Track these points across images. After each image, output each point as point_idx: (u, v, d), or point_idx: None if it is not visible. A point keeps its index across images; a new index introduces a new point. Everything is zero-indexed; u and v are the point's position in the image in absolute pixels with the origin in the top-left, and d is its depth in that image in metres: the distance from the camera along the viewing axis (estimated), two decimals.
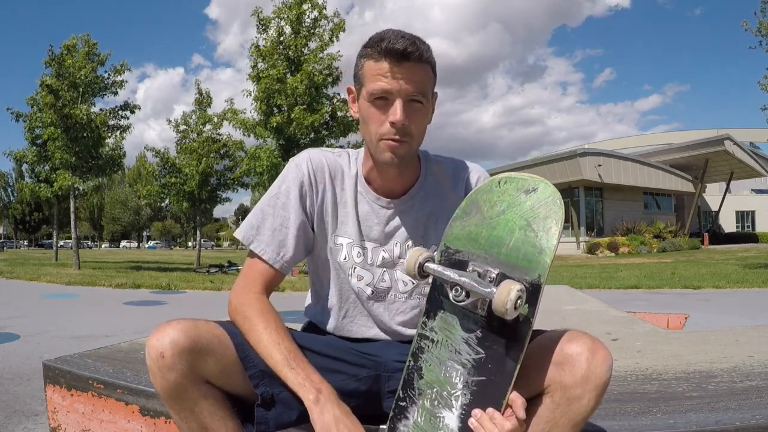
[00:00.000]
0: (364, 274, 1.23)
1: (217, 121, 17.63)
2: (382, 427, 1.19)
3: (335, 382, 1.15)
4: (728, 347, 2.13)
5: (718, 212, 35.18)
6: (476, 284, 0.96)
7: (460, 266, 1.03)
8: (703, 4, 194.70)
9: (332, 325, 1.28)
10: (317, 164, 1.22)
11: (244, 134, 14.49)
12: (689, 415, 1.31)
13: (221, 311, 1.17)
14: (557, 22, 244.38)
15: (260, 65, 13.73)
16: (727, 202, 33.65)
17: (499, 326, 0.98)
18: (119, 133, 15.35)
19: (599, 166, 25.22)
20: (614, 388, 1.59)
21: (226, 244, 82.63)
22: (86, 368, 1.71)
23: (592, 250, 23.64)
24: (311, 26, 13.70)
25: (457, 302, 1.00)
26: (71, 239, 15.47)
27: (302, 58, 13.42)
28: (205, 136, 17.66)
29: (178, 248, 68.16)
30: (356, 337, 1.27)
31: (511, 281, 0.92)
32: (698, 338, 2.41)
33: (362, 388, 1.19)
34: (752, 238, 34.62)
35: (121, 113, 15.26)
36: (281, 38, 13.55)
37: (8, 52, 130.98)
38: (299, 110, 12.85)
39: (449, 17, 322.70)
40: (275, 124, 13.11)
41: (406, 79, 1.09)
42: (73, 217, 15.11)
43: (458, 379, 1.02)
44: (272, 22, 13.59)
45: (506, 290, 0.90)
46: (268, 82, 13.10)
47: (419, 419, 1.05)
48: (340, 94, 14.32)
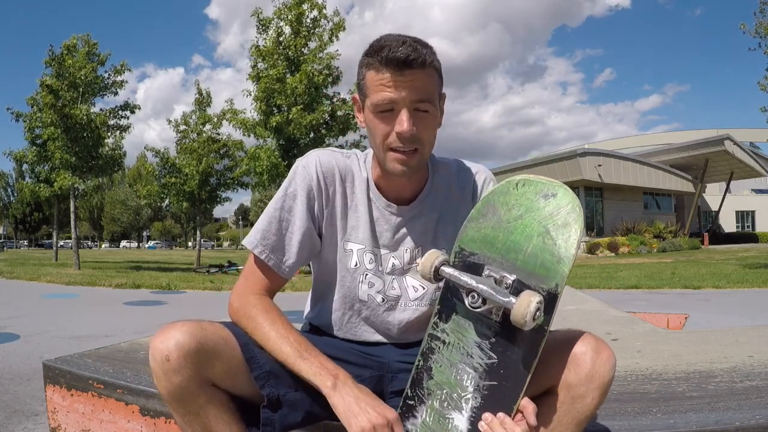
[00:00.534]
0: (375, 281, 1.21)
1: (216, 120, 17.62)
2: None
3: None
4: (728, 347, 2.12)
5: (718, 212, 35.17)
6: (495, 293, 0.94)
7: (474, 269, 1.02)
8: (703, 4, 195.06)
9: (333, 330, 1.27)
10: (327, 166, 1.18)
11: (244, 134, 14.52)
12: (689, 415, 1.31)
13: (221, 311, 1.16)
14: (557, 22, 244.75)
15: (260, 65, 13.75)
16: (727, 202, 33.64)
17: (513, 333, 0.96)
18: (119, 133, 15.36)
19: (599, 166, 25.21)
20: (614, 388, 1.58)
21: (226, 244, 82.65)
22: (86, 368, 1.71)
23: (592, 250, 23.63)
24: (311, 26, 13.71)
25: (473, 308, 0.98)
26: (71, 239, 15.46)
27: (302, 58, 13.43)
28: (205, 136, 17.65)
29: (178, 248, 68.16)
30: (359, 340, 1.26)
31: (531, 292, 0.91)
32: (698, 338, 2.41)
33: (366, 387, 1.18)
34: (752, 238, 34.62)
35: (121, 113, 15.27)
36: (281, 38, 13.57)
37: (8, 52, 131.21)
38: (297, 110, 12.85)
39: (449, 17, 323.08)
40: (275, 124, 13.12)
41: (409, 87, 1.05)
42: (73, 217, 15.11)
43: (469, 382, 1.01)
44: (272, 22, 13.61)
45: (526, 302, 0.88)
46: (268, 82, 13.12)
47: (428, 419, 1.04)
48: (339, 93, 14.33)
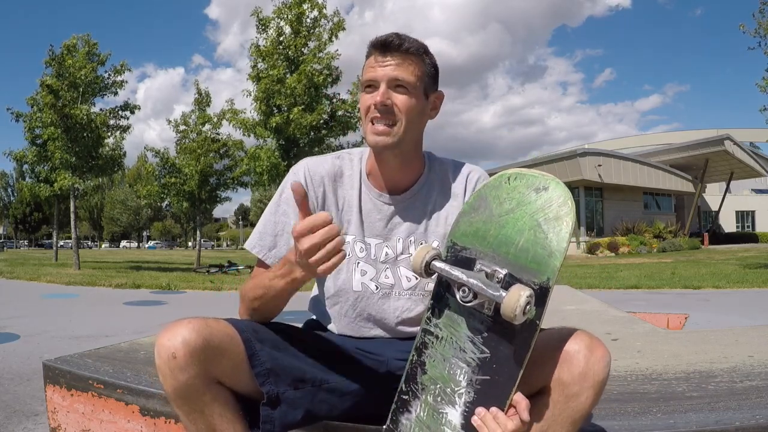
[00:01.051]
0: (367, 269, 1.24)
1: (216, 120, 17.63)
2: (385, 427, 1.19)
3: (337, 381, 1.16)
4: (728, 347, 2.13)
5: (718, 212, 35.17)
6: (485, 287, 0.95)
7: (466, 264, 1.02)
8: (703, 4, 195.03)
9: (332, 328, 1.29)
10: (314, 171, 1.25)
11: (244, 134, 14.50)
12: (689, 415, 1.31)
13: (222, 311, 1.17)
14: (557, 22, 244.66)
15: (260, 65, 13.74)
16: (727, 202, 33.64)
17: (505, 327, 0.96)
18: (119, 133, 15.36)
19: (599, 166, 25.21)
20: (614, 388, 1.59)
21: (225, 244, 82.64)
22: (86, 368, 1.71)
23: (592, 250, 23.63)
24: (311, 26, 13.71)
25: (464, 303, 0.98)
26: (71, 239, 15.46)
27: (302, 58, 13.42)
28: (204, 135, 17.65)
29: (178, 248, 68.17)
30: (358, 336, 1.27)
31: (521, 286, 0.91)
32: (698, 338, 2.41)
33: (364, 386, 1.19)
34: (752, 238, 34.62)
35: (121, 113, 15.26)
36: (281, 38, 13.56)
37: (8, 52, 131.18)
38: (298, 110, 12.85)
39: (449, 17, 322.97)
40: (275, 124, 13.12)
41: (390, 66, 1.15)
42: (73, 217, 15.11)
43: (462, 377, 1.01)
44: (272, 22, 13.60)
45: (516, 296, 0.89)
46: (268, 82, 13.11)
47: (422, 413, 1.05)
48: (339, 93, 14.32)
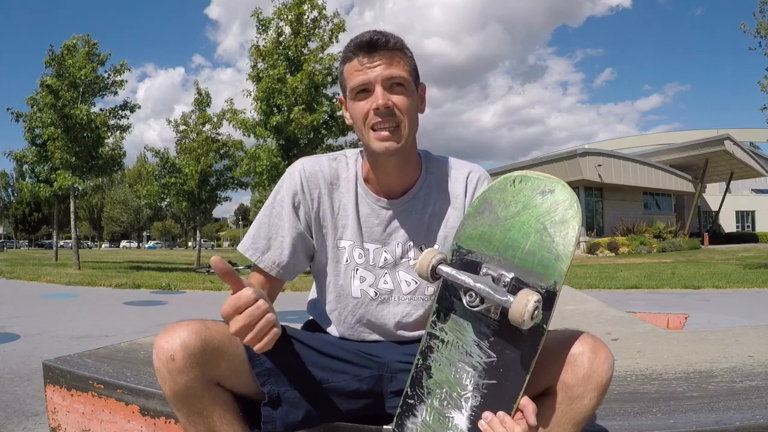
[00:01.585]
0: (366, 275, 1.22)
1: (216, 120, 17.63)
2: (386, 427, 1.19)
3: (338, 382, 1.15)
4: (728, 347, 2.12)
5: (718, 212, 35.15)
6: (492, 292, 0.94)
7: (472, 267, 1.01)
8: (703, 4, 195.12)
9: (331, 330, 1.28)
10: (310, 172, 1.22)
11: (244, 134, 14.50)
12: (689, 415, 1.31)
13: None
14: (558, 22, 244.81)
15: (260, 65, 13.74)
16: (727, 202, 33.62)
17: (511, 331, 0.96)
18: (119, 132, 15.36)
19: (599, 166, 25.19)
20: (614, 388, 1.58)
21: (226, 244, 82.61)
22: (86, 368, 1.71)
23: (592, 250, 23.62)
24: (311, 27, 13.71)
25: (470, 307, 0.97)
26: (71, 239, 15.46)
27: (302, 58, 13.42)
28: (204, 135, 17.65)
29: (178, 248, 68.13)
30: (358, 339, 1.26)
31: (528, 291, 0.90)
32: (698, 338, 2.41)
33: (365, 388, 1.19)
34: (752, 238, 34.62)
35: (120, 112, 15.26)
36: (281, 39, 13.56)
37: (8, 52, 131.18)
38: (298, 110, 12.85)
39: (449, 17, 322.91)
40: (275, 123, 13.11)
41: (380, 65, 1.11)
42: (73, 217, 15.10)
43: (468, 381, 1.00)
44: (272, 22, 13.61)
45: (524, 301, 0.88)
46: (268, 82, 13.11)
47: (428, 418, 1.04)
48: (339, 94, 14.31)
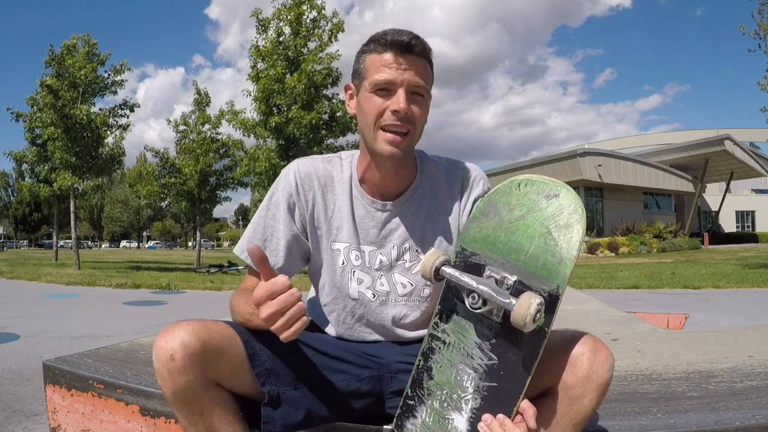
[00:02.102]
0: (363, 277, 1.22)
1: (215, 120, 17.63)
2: (386, 427, 1.19)
3: (338, 382, 1.15)
4: (728, 347, 2.12)
5: (718, 212, 35.15)
6: (495, 294, 0.94)
7: (475, 270, 1.01)
8: (703, 4, 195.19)
9: (330, 330, 1.28)
10: (305, 174, 1.21)
11: (244, 134, 14.51)
12: (689, 415, 1.31)
13: (221, 311, 1.17)
14: (558, 22, 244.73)
15: (260, 65, 13.74)
16: (727, 202, 33.62)
17: (513, 334, 0.96)
18: (119, 132, 15.35)
19: (599, 166, 25.20)
20: (614, 388, 1.58)
21: (226, 244, 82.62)
22: (86, 368, 1.71)
23: (592, 250, 23.62)
24: (311, 27, 13.72)
25: (473, 309, 0.98)
26: (71, 239, 15.45)
27: (301, 58, 13.43)
28: (204, 135, 17.65)
29: (178, 248, 68.15)
30: (358, 340, 1.26)
31: (531, 294, 0.90)
32: (698, 338, 2.41)
33: (364, 388, 1.19)
34: (752, 238, 34.62)
35: (120, 111, 15.25)
36: (281, 39, 13.57)
37: (8, 52, 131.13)
38: (297, 109, 12.85)
39: (449, 17, 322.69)
40: (275, 123, 13.12)
41: (410, 70, 1.09)
42: (73, 217, 15.10)
43: (469, 383, 1.00)
44: (272, 22, 13.61)
45: (526, 304, 0.88)
46: (267, 82, 13.11)
47: (428, 419, 1.04)
48: (339, 94, 14.33)
